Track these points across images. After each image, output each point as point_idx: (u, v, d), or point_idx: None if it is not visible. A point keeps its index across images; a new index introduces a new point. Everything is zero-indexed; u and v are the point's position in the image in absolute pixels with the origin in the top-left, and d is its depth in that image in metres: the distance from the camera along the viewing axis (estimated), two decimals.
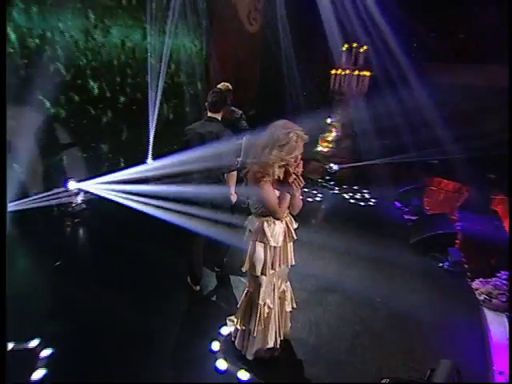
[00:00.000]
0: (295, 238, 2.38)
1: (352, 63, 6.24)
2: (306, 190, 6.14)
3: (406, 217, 5.39)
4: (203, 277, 3.41)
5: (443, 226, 4.34)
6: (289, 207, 2.28)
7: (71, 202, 4.60)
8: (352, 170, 6.64)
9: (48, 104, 4.83)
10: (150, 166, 5.56)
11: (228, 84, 3.94)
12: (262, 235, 2.25)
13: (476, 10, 5.92)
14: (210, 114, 2.98)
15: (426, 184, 6.73)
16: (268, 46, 7.27)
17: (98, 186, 4.72)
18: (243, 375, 2.46)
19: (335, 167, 6.39)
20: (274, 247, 2.30)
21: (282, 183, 2.16)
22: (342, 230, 4.84)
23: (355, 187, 6.42)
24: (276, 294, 2.45)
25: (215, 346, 2.69)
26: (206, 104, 2.98)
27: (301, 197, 2.28)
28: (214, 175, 2.96)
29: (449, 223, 4.42)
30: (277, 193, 2.18)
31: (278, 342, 2.54)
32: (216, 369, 2.50)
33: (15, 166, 4.27)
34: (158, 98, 6.14)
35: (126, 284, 3.37)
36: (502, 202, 5.89)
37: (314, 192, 6.17)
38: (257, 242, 2.28)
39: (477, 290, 3.65)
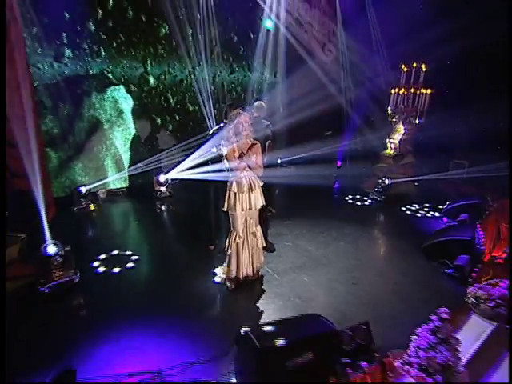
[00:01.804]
0: (254, 189, 3.48)
1: (411, 82, 6.43)
2: (358, 196, 6.69)
3: None
4: (219, 242, 4.57)
5: (458, 233, 4.22)
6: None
7: (160, 191, 6.51)
8: (406, 185, 6.65)
9: (159, 120, 7.03)
10: None
11: (262, 102, 5.09)
12: (232, 186, 3.45)
13: None
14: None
15: (498, 207, 6.17)
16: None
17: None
18: None
19: (387, 181, 6.54)
20: (241, 194, 3.43)
21: (240, 156, 3.37)
22: (373, 232, 5.28)
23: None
24: (246, 229, 3.57)
25: (217, 270, 3.96)
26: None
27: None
28: None
29: (466, 231, 4.24)
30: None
31: (251, 268, 3.66)
32: (213, 281, 3.82)
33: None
34: None
35: (178, 237, 5.22)
36: None
37: (365, 198, 6.59)
38: (230, 191, 3.46)
39: (469, 293, 3.56)
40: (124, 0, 6.02)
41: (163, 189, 6.49)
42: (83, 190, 5.79)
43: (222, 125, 4.28)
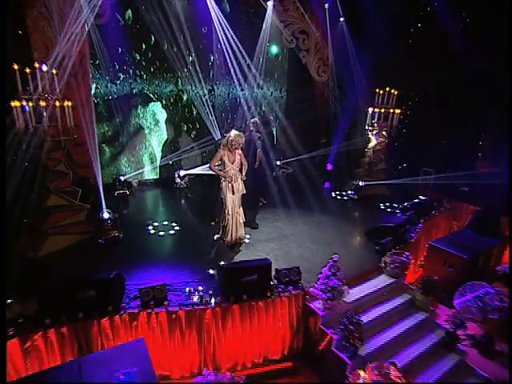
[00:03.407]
0: (237, 181, 5.19)
1: (385, 103, 7.92)
2: (340, 194, 8.43)
3: None
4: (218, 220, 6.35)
5: (388, 222, 5.78)
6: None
7: (180, 183, 8.40)
8: (379, 187, 8.19)
9: (185, 127, 8.94)
10: None
11: (256, 119, 6.83)
12: (223, 178, 5.17)
13: None
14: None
15: (452, 208, 7.64)
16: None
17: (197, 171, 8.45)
18: None
19: (361, 183, 8.11)
20: (230, 184, 5.15)
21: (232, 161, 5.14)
22: (336, 220, 6.86)
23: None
24: (233, 208, 5.25)
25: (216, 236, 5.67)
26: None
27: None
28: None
29: (394, 221, 5.79)
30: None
31: (236, 235, 5.36)
32: (213, 241, 5.59)
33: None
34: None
35: (192, 215, 6.93)
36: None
37: (345, 193, 8.39)
38: (222, 181, 5.20)
39: (382, 260, 5.15)
40: (161, 37, 7.92)
41: (182, 181, 8.38)
42: (122, 178, 7.78)
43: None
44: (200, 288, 4.18)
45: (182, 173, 8.38)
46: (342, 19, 8.67)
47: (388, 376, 3.11)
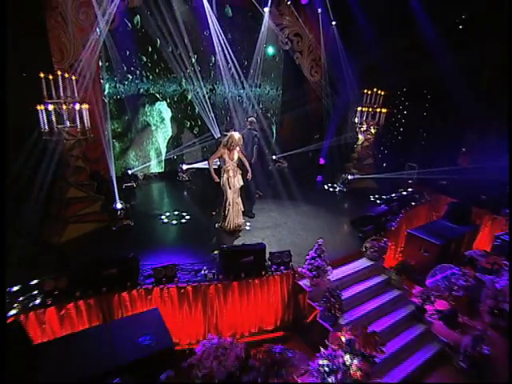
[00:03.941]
0: (236, 175, 5.85)
1: (372, 102, 8.55)
2: (330, 184, 9.12)
3: None
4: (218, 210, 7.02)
5: (369, 212, 6.48)
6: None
7: (181, 176, 9.03)
8: (367, 180, 8.86)
9: (188, 124, 9.54)
10: None
11: (253, 118, 7.46)
12: (224, 172, 5.81)
13: None
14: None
15: (432, 200, 8.34)
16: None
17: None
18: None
19: (350, 177, 8.78)
20: (230, 178, 5.79)
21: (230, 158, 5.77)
22: (325, 210, 7.54)
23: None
24: (233, 199, 5.91)
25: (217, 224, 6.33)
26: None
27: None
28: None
29: (374, 211, 6.49)
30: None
31: (235, 223, 6.03)
32: (215, 228, 6.25)
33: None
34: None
35: (195, 206, 7.50)
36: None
37: (335, 186, 9.05)
38: (223, 175, 5.83)
39: (363, 245, 5.85)
40: (166, 40, 8.44)
41: (184, 175, 9.02)
42: (130, 172, 8.41)
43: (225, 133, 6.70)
44: (204, 268, 4.87)
45: (185, 167, 9.01)
46: (333, 23, 9.23)
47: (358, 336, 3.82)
